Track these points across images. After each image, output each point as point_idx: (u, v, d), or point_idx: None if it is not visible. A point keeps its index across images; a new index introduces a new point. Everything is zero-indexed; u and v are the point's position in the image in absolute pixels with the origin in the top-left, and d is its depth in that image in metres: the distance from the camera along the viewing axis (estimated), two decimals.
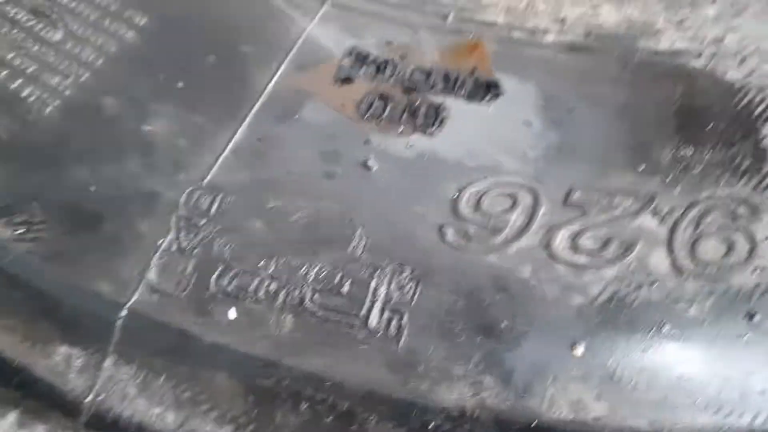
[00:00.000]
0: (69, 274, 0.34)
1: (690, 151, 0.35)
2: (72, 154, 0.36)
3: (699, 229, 0.33)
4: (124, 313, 0.32)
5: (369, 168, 0.35)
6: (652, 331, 0.31)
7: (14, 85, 0.38)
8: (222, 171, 0.36)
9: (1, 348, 0.33)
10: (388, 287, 0.32)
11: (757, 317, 0.31)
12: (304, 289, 0.32)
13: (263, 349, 0.31)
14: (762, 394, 0.30)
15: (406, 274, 0.32)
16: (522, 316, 0.31)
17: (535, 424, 0.29)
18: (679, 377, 0.30)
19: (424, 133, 0.37)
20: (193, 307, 0.32)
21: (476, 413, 0.30)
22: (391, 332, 0.31)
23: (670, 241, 0.32)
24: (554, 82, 0.38)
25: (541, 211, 0.34)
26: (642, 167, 0.35)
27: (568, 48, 0.40)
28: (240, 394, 0.31)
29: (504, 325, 0.31)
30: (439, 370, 0.30)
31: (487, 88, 0.38)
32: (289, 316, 0.32)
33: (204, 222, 0.34)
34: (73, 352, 0.33)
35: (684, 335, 0.31)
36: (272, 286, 0.33)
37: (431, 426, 0.30)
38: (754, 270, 0.31)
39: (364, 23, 0.41)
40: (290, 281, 0.33)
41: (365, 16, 0.42)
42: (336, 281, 0.32)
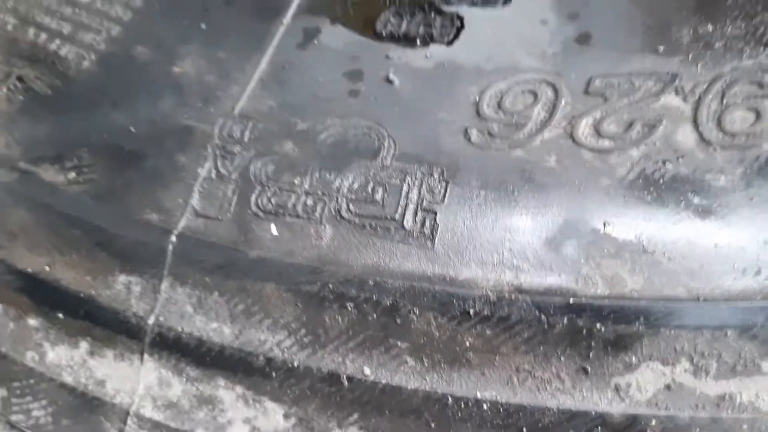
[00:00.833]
0: (120, 209, 0.36)
1: (711, 27, 0.35)
2: (111, 101, 0.38)
3: (725, 101, 0.32)
4: (174, 239, 0.35)
5: (391, 82, 0.36)
6: (683, 203, 0.31)
7: (53, 46, 0.41)
8: (251, 100, 0.37)
9: (67, 282, 0.36)
10: (419, 190, 0.33)
11: None
12: (340, 200, 0.34)
13: (306, 258, 0.33)
14: None
15: (436, 176, 0.33)
16: (550, 202, 0.32)
17: (571, 301, 0.30)
18: (716, 245, 0.30)
19: (442, 43, 0.37)
20: (237, 227, 0.34)
21: (513, 296, 0.31)
22: (426, 231, 0.32)
23: (695, 116, 0.32)
24: None
25: (563, 102, 0.34)
26: (662, 48, 0.34)
27: None
28: (289, 302, 0.33)
29: (530, 211, 0.32)
30: (475, 260, 0.31)
31: None
32: (327, 226, 0.33)
33: (239, 148, 0.36)
34: (131, 279, 0.35)
35: (716, 204, 0.31)
36: (309, 201, 0.34)
37: (471, 312, 0.31)
38: None
39: None
40: (325, 194, 0.34)
41: None
42: (369, 189, 0.34)
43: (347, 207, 0.34)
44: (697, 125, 0.32)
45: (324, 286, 0.32)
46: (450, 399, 0.31)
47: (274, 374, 0.33)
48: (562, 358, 0.30)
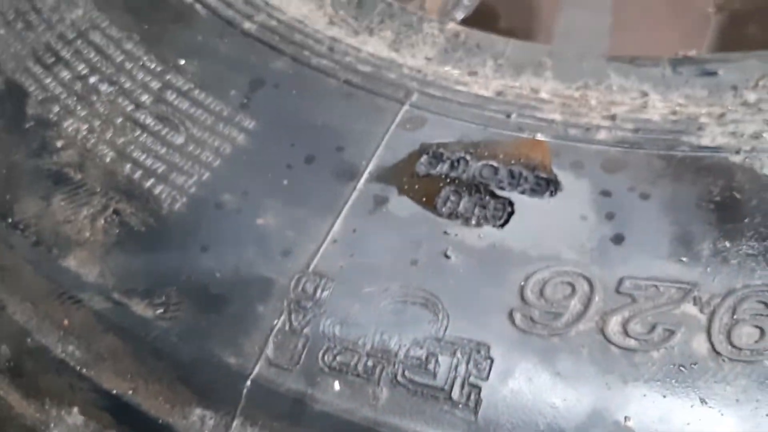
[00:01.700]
0: (202, 348, 0.41)
1: (728, 244, 0.40)
2: (200, 244, 0.44)
3: (735, 315, 0.38)
4: (248, 384, 0.40)
5: (448, 257, 0.42)
6: (693, 407, 0.36)
7: (148, 184, 0.46)
8: (324, 259, 0.43)
9: (148, 407, 0.41)
10: (467, 365, 0.38)
11: None
12: (397, 365, 0.39)
13: (362, 418, 0.38)
14: None
15: (483, 353, 0.39)
16: (582, 392, 0.37)
17: None
18: None
19: (494, 225, 0.43)
20: (304, 379, 0.39)
21: None
22: (471, 404, 0.38)
23: (709, 327, 0.38)
24: (606, 177, 0.44)
25: (596, 298, 0.39)
26: (685, 258, 0.40)
27: (618, 143, 0.45)
28: None
29: (565, 398, 0.37)
30: None
31: (548, 184, 0.44)
32: (384, 389, 0.39)
33: (310, 305, 0.41)
34: (206, 413, 0.40)
35: (722, 412, 0.36)
36: (369, 363, 0.39)
37: None
38: None
39: (439, 122, 0.48)
40: (384, 358, 0.39)
41: (439, 115, 0.48)
42: (423, 358, 0.39)
43: (403, 372, 0.39)
44: (710, 336, 0.38)
45: None
46: None
47: None
48: None
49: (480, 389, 0.38)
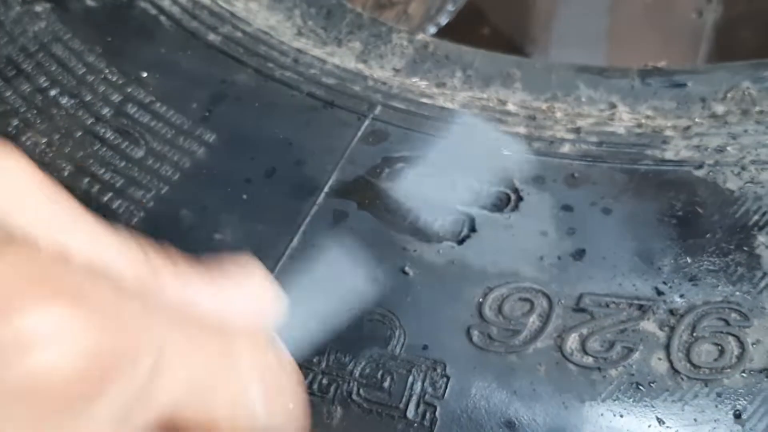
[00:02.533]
0: None
1: (689, 259, 0.40)
2: None
3: (694, 333, 0.37)
4: None
5: (406, 273, 0.41)
6: (651, 425, 0.35)
7: (106, 198, 0.45)
8: (281, 274, 0.42)
9: None
10: (422, 383, 0.38)
11: (744, 415, 0.35)
12: (351, 383, 0.38)
13: None
14: None
15: (439, 371, 0.38)
16: (539, 412, 0.36)
17: None
18: None
19: (453, 241, 0.42)
20: None
21: None
22: (426, 423, 0.37)
23: (668, 345, 0.37)
24: (568, 191, 0.43)
25: (555, 314, 0.39)
26: (645, 274, 0.39)
27: (582, 157, 0.45)
28: None
29: (521, 418, 0.36)
30: None
31: (508, 199, 0.43)
32: (338, 407, 0.38)
33: None
34: None
35: (680, 431, 0.35)
36: (324, 381, 0.38)
37: None
38: (743, 372, 0.36)
39: (402, 136, 0.47)
40: (339, 376, 0.38)
41: (403, 129, 0.48)
42: (378, 376, 0.38)
43: (358, 391, 0.38)
44: (669, 353, 0.37)
45: None
46: None
47: None
48: None
49: (436, 408, 0.37)
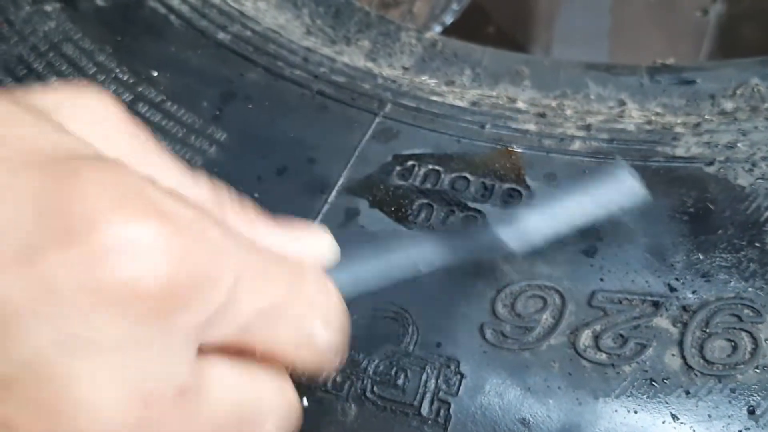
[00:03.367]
0: None
1: (701, 256, 0.40)
2: None
3: (708, 329, 0.37)
4: None
5: (420, 270, 0.41)
6: (666, 421, 0.36)
7: None
8: None
9: None
10: (436, 380, 0.38)
11: (758, 411, 0.35)
12: (365, 381, 0.38)
13: None
14: None
15: (452, 368, 0.38)
16: (552, 408, 0.36)
17: None
18: None
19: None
20: None
21: None
22: (440, 420, 0.37)
23: (681, 341, 0.37)
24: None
25: (568, 311, 0.39)
26: (658, 271, 0.40)
27: (592, 154, 0.45)
28: None
29: (535, 415, 0.36)
30: None
31: (520, 195, 0.44)
32: (353, 405, 0.38)
33: None
34: None
35: (694, 428, 0.35)
36: (338, 378, 0.39)
37: None
38: (756, 368, 0.36)
39: (412, 134, 0.47)
40: (353, 373, 0.39)
41: (413, 127, 0.48)
42: (392, 374, 0.38)
43: (372, 388, 0.38)
44: (682, 350, 0.37)
45: None
46: None
47: None
48: None
49: (449, 405, 0.37)
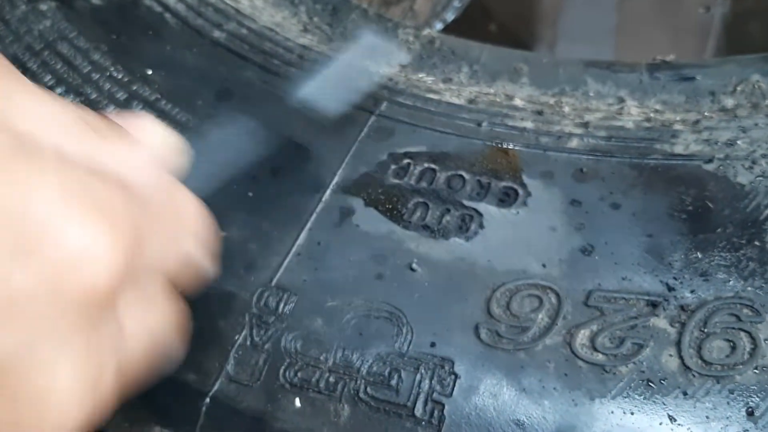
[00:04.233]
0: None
1: (700, 254, 0.39)
2: None
3: (706, 329, 0.37)
4: (207, 401, 0.39)
5: (414, 270, 0.41)
6: (663, 423, 0.35)
7: None
8: (287, 273, 0.42)
9: (108, 428, 0.40)
10: (430, 380, 0.37)
11: (757, 412, 0.34)
12: (359, 381, 0.38)
13: None
14: None
15: (447, 368, 0.38)
16: (548, 409, 0.36)
17: None
18: None
19: (461, 238, 0.42)
20: (265, 396, 0.38)
21: None
22: (434, 422, 0.36)
23: (679, 341, 0.37)
24: (577, 186, 0.43)
25: (564, 311, 0.38)
26: (656, 270, 0.39)
27: (590, 152, 0.44)
28: None
29: (530, 416, 0.36)
30: None
31: (516, 194, 0.43)
32: (346, 406, 0.37)
33: (273, 319, 0.40)
34: None
35: (691, 429, 0.35)
36: (331, 379, 0.38)
37: None
38: (755, 368, 0.35)
39: (408, 132, 0.47)
40: (346, 374, 0.38)
41: (409, 125, 0.47)
42: (386, 374, 0.38)
43: (365, 389, 0.38)
44: (680, 350, 0.36)
45: None
46: None
47: None
48: None
49: (443, 406, 0.37)
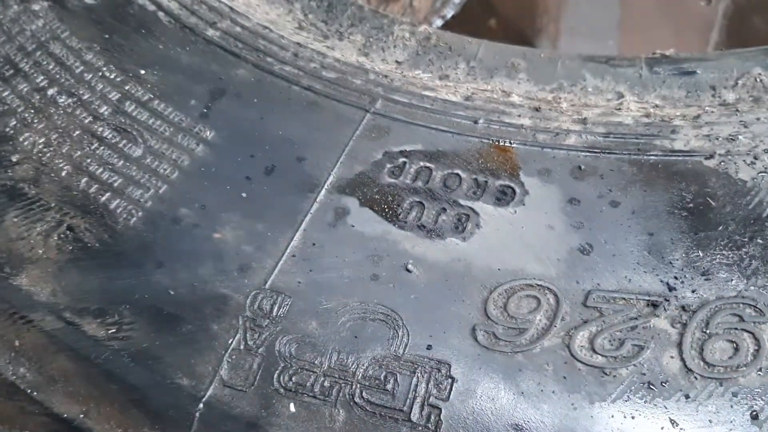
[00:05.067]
0: (154, 370, 0.39)
1: (701, 253, 0.38)
2: (155, 261, 0.42)
3: (708, 330, 0.36)
4: (201, 406, 0.38)
5: (410, 271, 0.40)
6: (664, 427, 0.34)
7: (103, 198, 0.45)
8: (281, 274, 0.41)
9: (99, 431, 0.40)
10: (427, 384, 0.37)
11: (761, 416, 0.34)
12: (354, 385, 0.37)
13: None
14: None
15: (443, 371, 0.37)
16: (546, 413, 0.35)
17: None
18: None
19: (457, 238, 0.41)
20: (259, 401, 0.38)
21: None
22: (430, 426, 0.36)
23: (680, 342, 0.36)
24: (575, 184, 0.42)
25: (562, 312, 0.38)
26: (656, 269, 0.38)
27: (588, 148, 0.44)
28: None
29: (528, 420, 0.35)
30: None
31: (513, 193, 0.42)
32: (341, 411, 0.37)
33: (267, 323, 0.39)
34: None
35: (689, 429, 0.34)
36: (326, 383, 0.38)
37: None
38: (759, 370, 0.35)
39: (404, 130, 0.46)
40: (342, 378, 0.38)
41: (404, 123, 0.46)
42: (382, 378, 0.37)
43: (360, 393, 0.37)
44: (681, 351, 0.36)
45: None
46: None
47: None
48: None
49: (440, 410, 0.36)
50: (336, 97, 0.48)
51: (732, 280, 0.37)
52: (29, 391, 0.41)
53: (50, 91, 0.50)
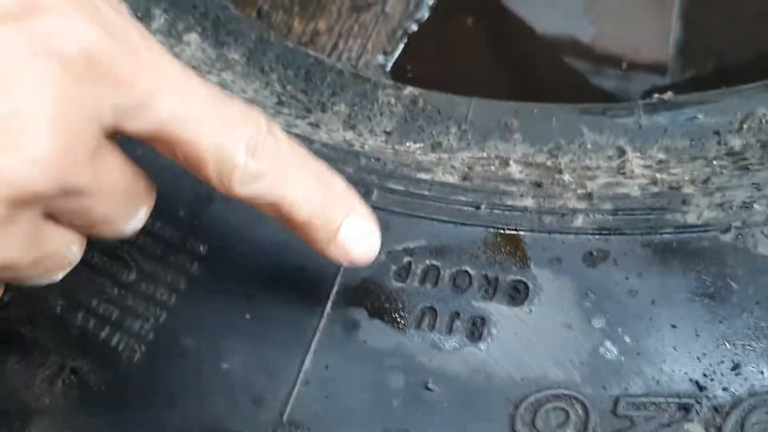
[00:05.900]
0: None
1: (728, 344, 0.37)
2: (162, 398, 0.41)
3: (744, 431, 0.35)
4: None
5: (430, 389, 0.39)
6: None
7: (103, 334, 0.43)
8: (297, 404, 0.40)
9: None
10: None
11: None
12: None
13: None
14: None
15: None
16: None
17: None
18: None
19: (474, 346, 0.40)
20: None
21: None
22: None
23: None
24: (588, 273, 0.41)
25: (592, 423, 0.37)
26: (683, 366, 0.37)
27: (598, 231, 0.42)
28: None
29: None
30: None
31: (527, 288, 0.41)
32: None
33: None
34: None
35: None
36: None
37: None
38: None
39: (404, 223, 0.44)
40: None
41: (403, 215, 0.44)
42: None
43: None
44: None
45: None
46: None
47: None
48: None
49: None
50: None
51: (763, 372, 0.36)
52: None
53: None
